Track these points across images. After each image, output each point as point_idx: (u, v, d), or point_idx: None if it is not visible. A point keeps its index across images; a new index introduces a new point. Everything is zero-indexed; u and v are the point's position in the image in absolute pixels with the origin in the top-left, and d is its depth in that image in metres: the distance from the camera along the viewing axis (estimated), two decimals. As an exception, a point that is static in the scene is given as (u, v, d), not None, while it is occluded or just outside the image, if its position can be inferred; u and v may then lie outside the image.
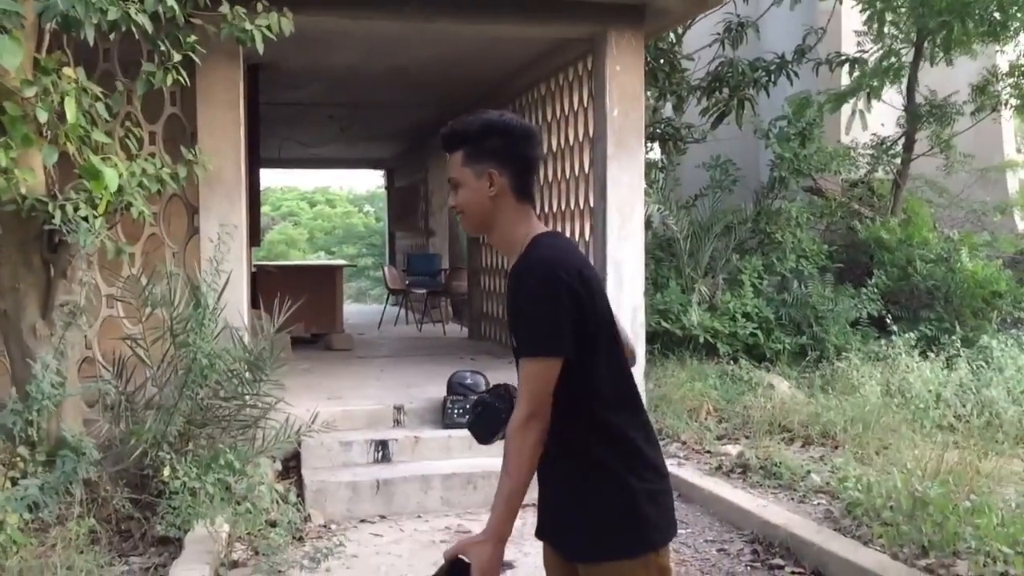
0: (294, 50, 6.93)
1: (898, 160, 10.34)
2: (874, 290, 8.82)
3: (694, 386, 7.19)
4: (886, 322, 8.18)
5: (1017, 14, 8.82)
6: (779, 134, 9.32)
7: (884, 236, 9.49)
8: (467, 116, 2.26)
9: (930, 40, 9.20)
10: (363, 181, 37.02)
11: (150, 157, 5.48)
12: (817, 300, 8.59)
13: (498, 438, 2.13)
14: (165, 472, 4.42)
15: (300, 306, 5.27)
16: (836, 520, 4.79)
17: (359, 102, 10.52)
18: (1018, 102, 10.13)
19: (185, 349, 5.00)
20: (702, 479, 5.62)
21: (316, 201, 34.20)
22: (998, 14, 8.55)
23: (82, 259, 5.05)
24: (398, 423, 6.19)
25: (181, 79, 4.89)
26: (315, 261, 23.58)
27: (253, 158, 7.48)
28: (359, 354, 9.27)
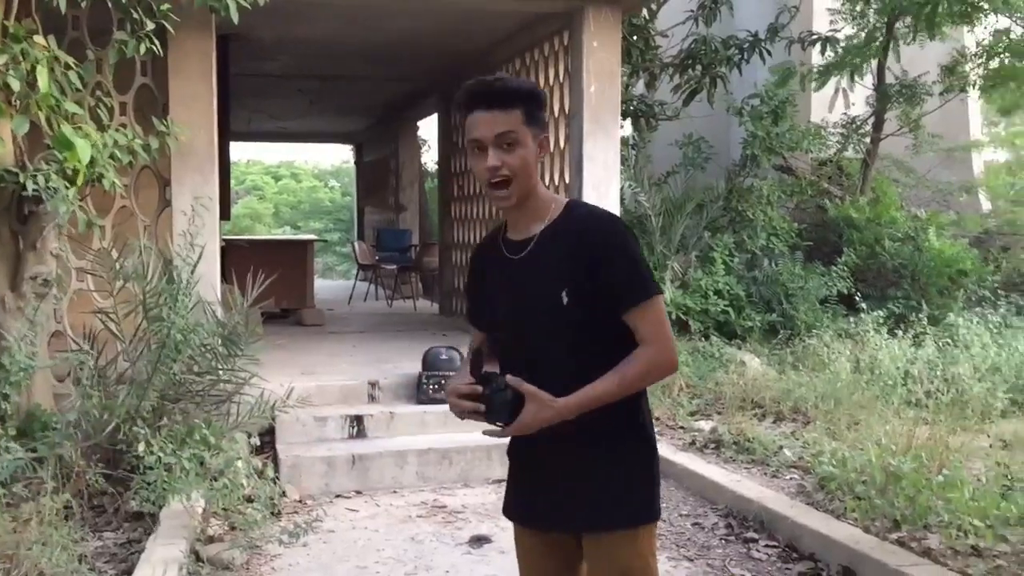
0: (265, 21, 6.81)
1: (867, 140, 10.44)
2: (843, 268, 8.92)
3: (667, 362, 7.23)
4: (855, 300, 8.28)
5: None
6: (752, 112, 9.36)
7: (853, 215, 9.59)
8: (502, 76, 2.16)
9: (903, 20, 9.27)
10: (328, 156, 36.69)
11: (121, 128, 5.38)
12: (787, 278, 8.67)
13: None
14: (140, 447, 4.37)
15: (271, 281, 5.21)
16: (809, 494, 4.86)
17: (329, 75, 10.41)
18: (985, 83, 10.25)
19: (159, 323, 4.95)
20: (676, 454, 5.67)
21: (281, 175, 33.88)
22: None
23: (53, 231, 4.98)
24: (373, 399, 6.17)
25: (155, 48, 4.80)
26: (285, 236, 23.37)
27: (223, 130, 7.36)
28: (330, 329, 9.22)
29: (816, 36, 9.61)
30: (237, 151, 29.42)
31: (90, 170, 4.52)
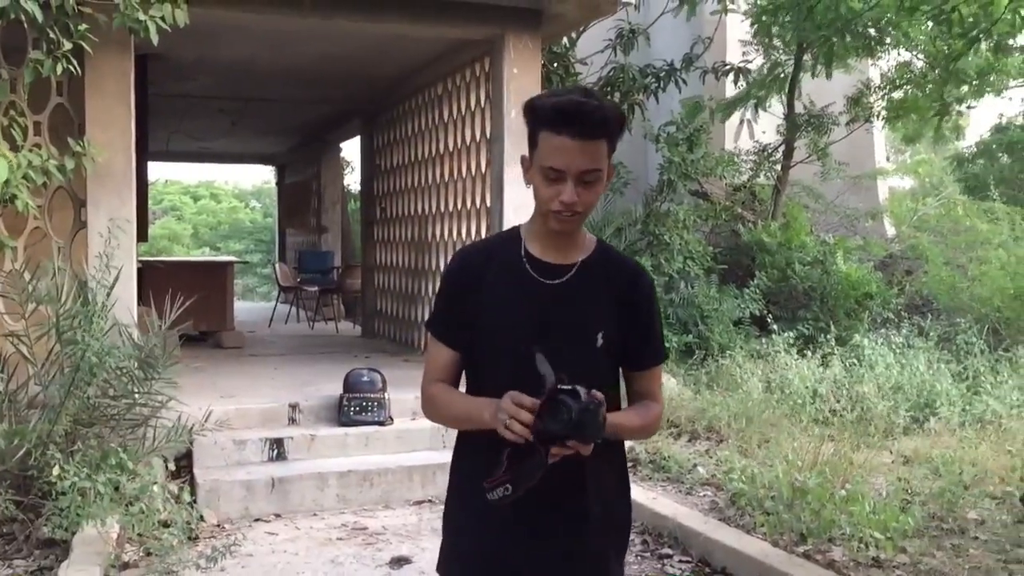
0: (184, 41, 6.75)
1: (778, 167, 10.82)
2: (756, 291, 9.21)
3: (585, 383, 7.36)
4: (767, 321, 8.55)
5: (890, 29, 9.35)
6: (668, 139, 9.62)
7: (765, 239, 9.91)
8: (595, 95, 1.94)
9: (811, 53, 9.66)
10: (249, 176, 36.23)
11: (35, 148, 5.29)
12: (703, 300, 8.91)
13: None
14: (54, 471, 4.28)
15: (190, 303, 5.17)
16: (721, 510, 5.02)
17: (251, 96, 10.34)
18: (889, 114, 10.74)
19: (72, 346, 4.86)
20: (594, 473, 5.77)
21: (200, 196, 33.33)
22: (873, 30, 9.04)
23: (-39, 252, 4.87)
24: (293, 421, 6.14)
25: (72, 68, 4.75)
26: (204, 257, 22.99)
27: (141, 151, 7.28)
28: (251, 352, 9.12)
29: (729, 66, 9.94)
30: (155, 171, 28.89)
31: (3, 190, 4.44)
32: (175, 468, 5.17)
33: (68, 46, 4.67)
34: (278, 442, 5.78)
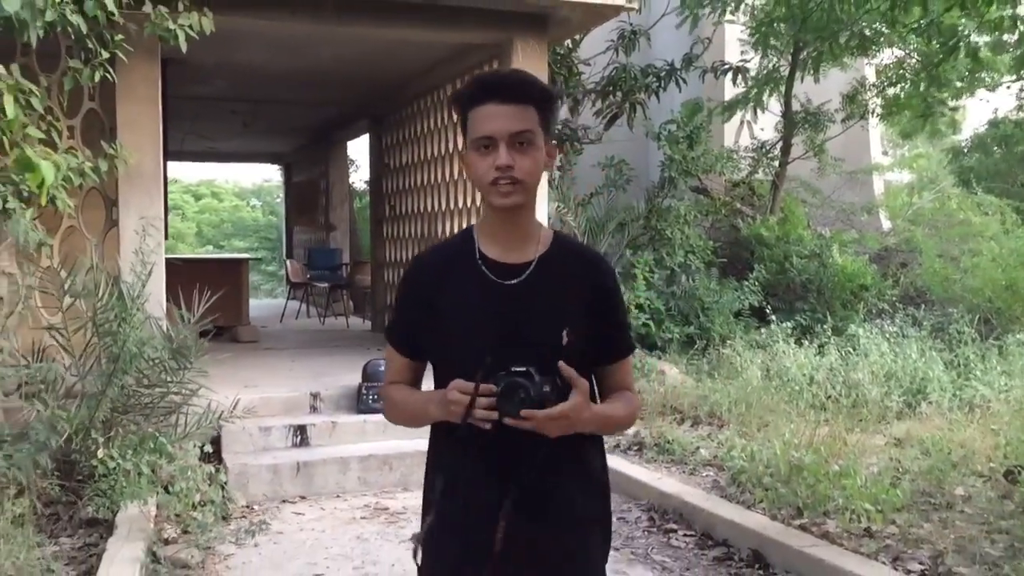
0: (205, 47, 7.04)
1: (776, 163, 11.09)
2: (755, 283, 9.49)
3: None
4: (765, 312, 8.84)
5: (883, 29, 9.62)
6: (669, 137, 9.91)
7: (764, 233, 10.19)
8: (517, 69, 2.01)
9: (806, 53, 9.92)
10: (249, 174, 36.40)
11: (71, 151, 5.59)
12: (704, 292, 9.20)
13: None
14: (99, 453, 4.59)
15: (214, 299, 5.46)
16: (723, 488, 5.32)
17: (262, 98, 10.64)
18: (883, 111, 11.00)
19: (110, 338, 5.16)
20: (602, 457, 6.07)
21: (201, 194, 33.58)
22: (867, 31, 9.30)
23: (6, 250, 5.17)
24: (314, 409, 6.44)
25: (109, 76, 5.04)
26: (220, 254, 23.35)
27: (163, 152, 7.56)
28: (266, 346, 9.42)
29: (728, 66, 10.22)
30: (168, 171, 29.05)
31: (48, 192, 4.74)
32: (208, 452, 5.45)
33: (105, 55, 4.95)
34: (301, 429, 6.08)
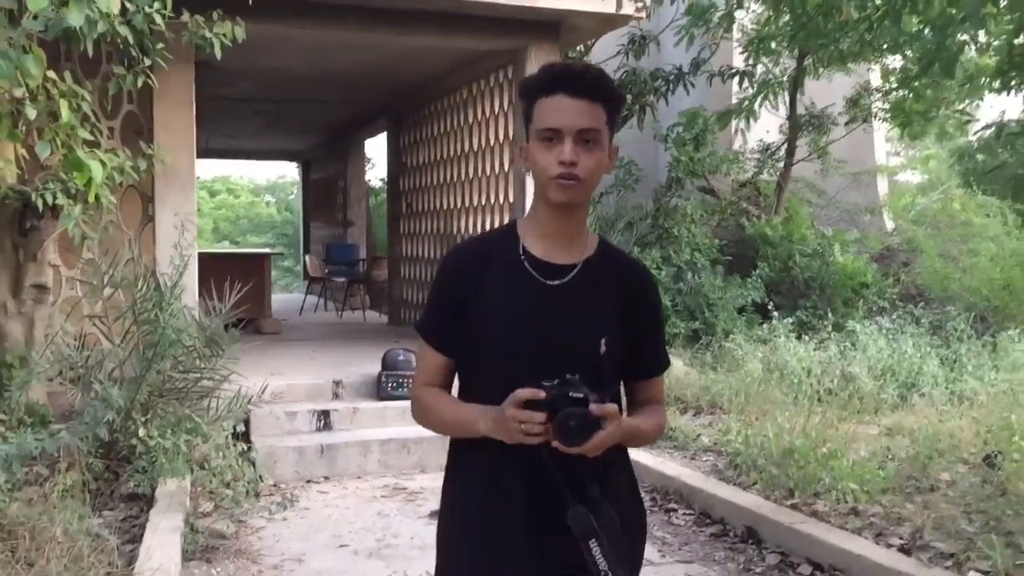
0: (234, 52, 7.40)
1: (781, 164, 11.39)
2: (758, 281, 9.79)
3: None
4: (768, 309, 9.14)
5: (884, 35, 9.88)
6: (676, 139, 10.23)
7: (768, 232, 10.49)
8: (590, 65, 1.95)
9: (810, 57, 10.21)
10: (264, 171, 36.78)
11: (112, 151, 5.97)
12: (709, 289, 9.51)
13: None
14: (140, 432, 4.96)
15: (243, 292, 5.81)
16: (721, 472, 5.67)
17: (285, 98, 11.02)
18: (887, 114, 11.25)
19: (149, 326, 5.53)
20: (608, 443, 6.42)
21: (217, 191, 34.04)
22: (868, 35, 9.57)
23: (52, 243, 5.56)
24: (337, 396, 6.81)
25: (151, 82, 5.41)
26: (244, 249, 23.84)
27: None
28: (288, 337, 9.80)
29: (735, 70, 10.52)
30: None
31: (95, 190, 5.11)
32: (239, 433, 5.82)
33: (148, 62, 5.32)
34: (325, 414, 6.44)
